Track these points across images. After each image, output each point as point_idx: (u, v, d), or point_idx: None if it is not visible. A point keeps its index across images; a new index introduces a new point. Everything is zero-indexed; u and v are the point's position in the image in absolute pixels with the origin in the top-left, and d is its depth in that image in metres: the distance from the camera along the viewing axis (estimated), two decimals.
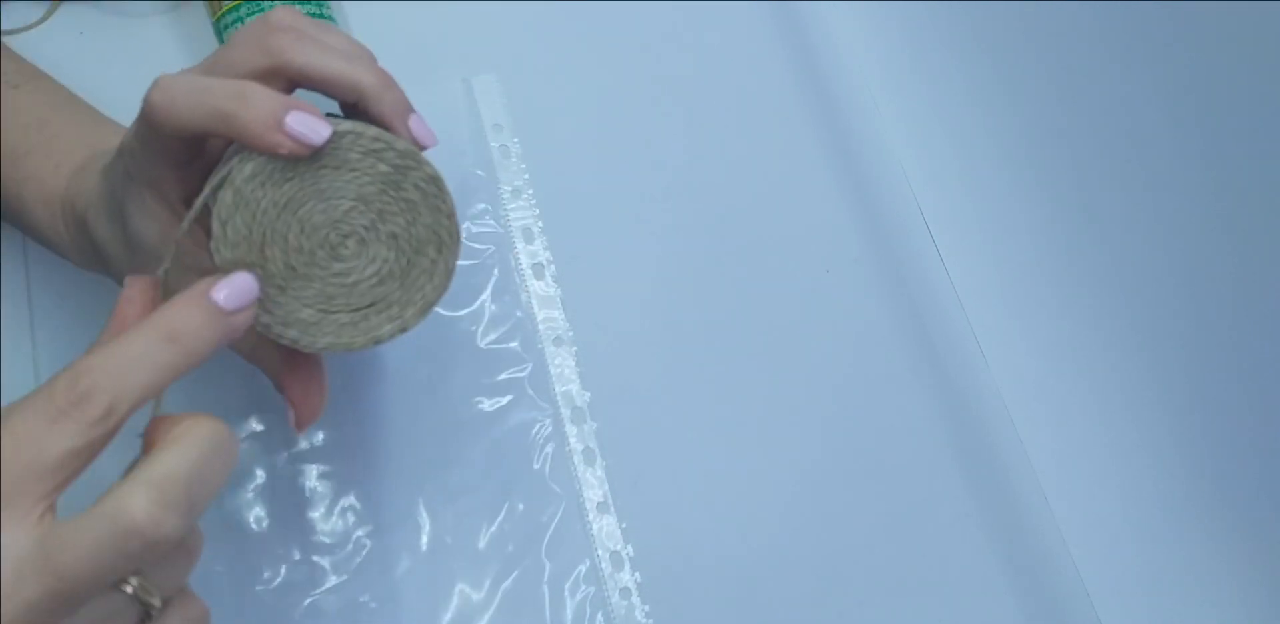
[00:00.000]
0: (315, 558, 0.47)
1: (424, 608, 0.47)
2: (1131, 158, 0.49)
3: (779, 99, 0.59)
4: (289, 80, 0.37)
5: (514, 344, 0.52)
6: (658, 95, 0.59)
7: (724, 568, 0.49)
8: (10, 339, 0.50)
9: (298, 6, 0.52)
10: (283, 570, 0.47)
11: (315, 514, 0.48)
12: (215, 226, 0.35)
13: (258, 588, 0.46)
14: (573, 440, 0.51)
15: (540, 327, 0.53)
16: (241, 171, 0.35)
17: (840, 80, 0.60)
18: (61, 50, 0.55)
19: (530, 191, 0.55)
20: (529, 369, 0.52)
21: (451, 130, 0.56)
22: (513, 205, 0.55)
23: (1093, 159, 0.52)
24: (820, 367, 0.53)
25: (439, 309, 0.52)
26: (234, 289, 0.33)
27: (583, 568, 0.48)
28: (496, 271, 0.53)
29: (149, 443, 0.32)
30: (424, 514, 0.49)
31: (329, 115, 0.37)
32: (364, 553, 0.47)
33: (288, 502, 0.48)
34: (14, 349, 0.50)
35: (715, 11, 0.61)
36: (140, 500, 0.29)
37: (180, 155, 0.37)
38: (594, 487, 0.50)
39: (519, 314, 0.53)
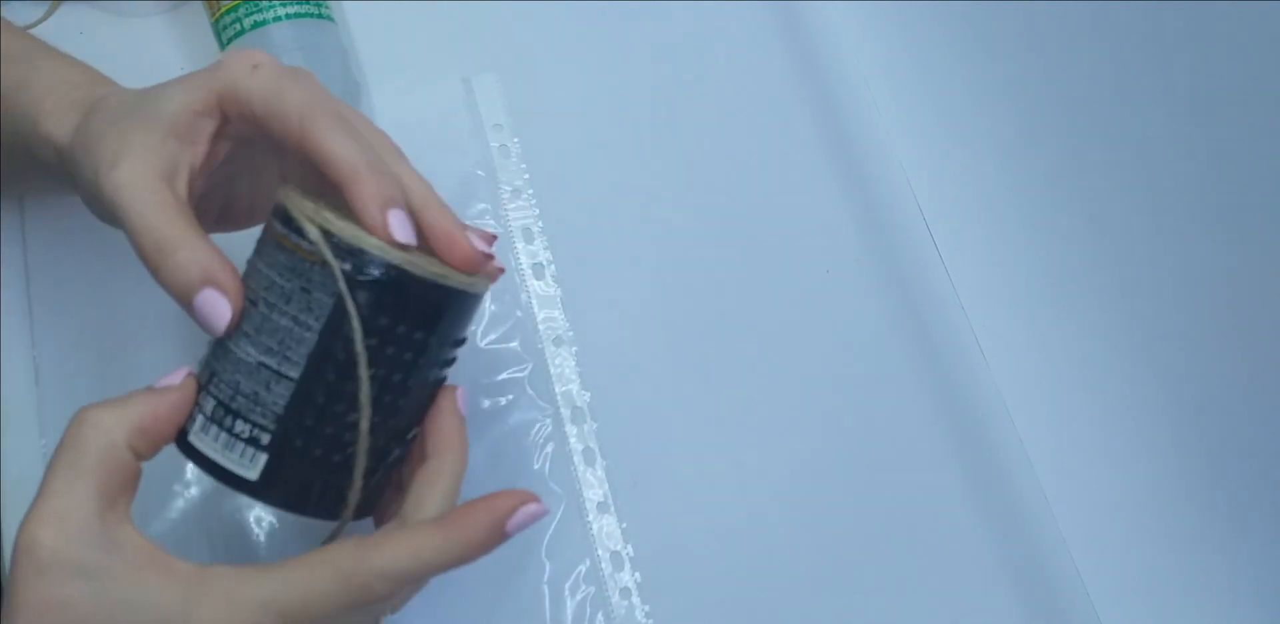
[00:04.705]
0: None
1: (424, 608, 0.47)
2: (1132, 157, 0.49)
3: (779, 99, 0.59)
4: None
5: (514, 344, 0.52)
6: (658, 95, 0.59)
7: (724, 568, 0.49)
8: (11, 339, 0.50)
9: (296, 7, 0.52)
10: None
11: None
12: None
13: None
14: (573, 440, 0.51)
15: (540, 327, 0.53)
16: None
17: (840, 80, 0.60)
18: (61, 50, 0.55)
19: (530, 191, 0.55)
20: (529, 369, 0.52)
21: (451, 130, 0.56)
22: (513, 205, 0.55)
23: (1093, 159, 0.52)
24: (820, 367, 0.53)
25: None
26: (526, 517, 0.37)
27: (583, 568, 0.48)
28: None
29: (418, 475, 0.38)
30: None
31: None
32: None
33: None
34: (14, 350, 0.50)
35: (715, 11, 0.61)
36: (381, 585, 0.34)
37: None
38: (594, 487, 0.50)
39: (519, 314, 0.53)
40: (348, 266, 0.35)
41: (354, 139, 0.36)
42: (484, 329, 0.52)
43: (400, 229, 0.35)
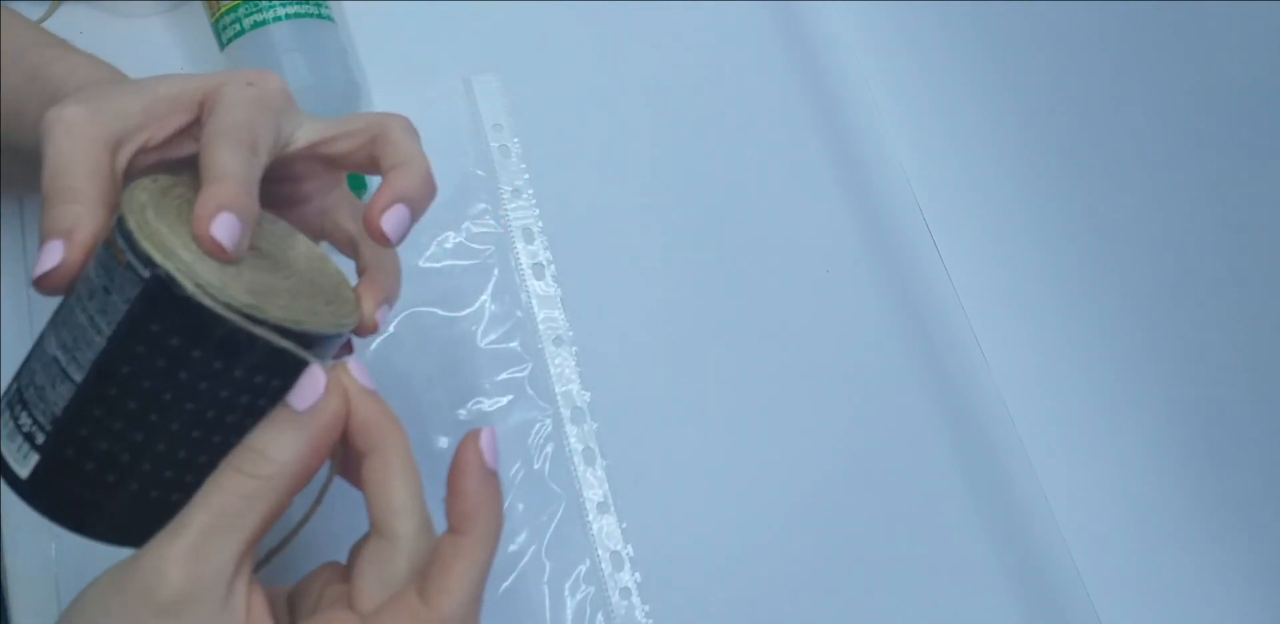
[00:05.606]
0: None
1: None
2: (1131, 158, 0.49)
3: (779, 99, 0.59)
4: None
5: (514, 344, 0.52)
6: (658, 95, 0.59)
7: (724, 568, 0.49)
8: (11, 339, 0.50)
9: (296, 7, 0.52)
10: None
11: (315, 515, 0.48)
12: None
13: None
14: (573, 440, 0.51)
15: (540, 327, 0.53)
16: None
17: (840, 80, 0.60)
18: None
19: (530, 191, 0.55)
20: (529, 369, 0.52)
21: (451, 130, 0.56)
22: (513, 205, 0.55)
23: (1093, 159, 0.52)
24: (820, 366, 0.53)
25: (438, 310, 0.52)
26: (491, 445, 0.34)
27: (583, 568, 0.48)
28: (496, 271, 0.54)
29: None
30: None
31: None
32: None
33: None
34: (14, 350, 0.50)
35: (715, 11, 0.61)
36: None
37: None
38: (594, 487, 0.50)
39: (519, 314, 0.53)
40: (146, 274, 0.30)
41: (245, 161, 0.34)
42: (484, 329, 0.52)
43: (222, 229, 0.32)
